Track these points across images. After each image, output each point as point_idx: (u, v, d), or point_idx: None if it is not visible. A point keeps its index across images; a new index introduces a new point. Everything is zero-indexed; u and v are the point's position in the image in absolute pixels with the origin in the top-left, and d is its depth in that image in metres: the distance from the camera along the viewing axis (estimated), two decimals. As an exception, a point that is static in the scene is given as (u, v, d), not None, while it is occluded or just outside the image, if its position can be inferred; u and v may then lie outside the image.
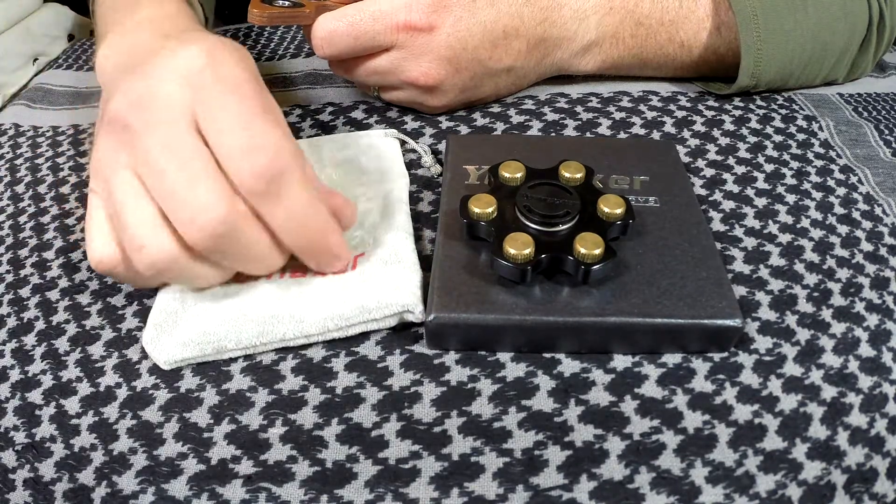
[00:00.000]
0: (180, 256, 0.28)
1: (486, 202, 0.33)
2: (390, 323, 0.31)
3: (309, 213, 0.29)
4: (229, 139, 0.27)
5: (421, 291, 0.32)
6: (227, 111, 0.28)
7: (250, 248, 0.29)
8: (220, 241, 0.28)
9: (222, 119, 0.28)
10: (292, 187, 0.28)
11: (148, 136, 0.28)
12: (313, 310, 0.31)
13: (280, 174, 0.27)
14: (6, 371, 0.32)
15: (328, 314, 0.31)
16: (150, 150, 0.27)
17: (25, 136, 0.48)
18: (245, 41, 0.60)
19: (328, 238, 0.30)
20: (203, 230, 0.27)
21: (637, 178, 0.37)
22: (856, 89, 0.51)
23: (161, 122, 0.28)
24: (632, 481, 0.27)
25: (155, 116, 0.28)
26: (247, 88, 0.29)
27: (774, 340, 0.31)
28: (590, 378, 0.30)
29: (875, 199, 0.40)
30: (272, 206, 0.28)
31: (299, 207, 0.28)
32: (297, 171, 0.28)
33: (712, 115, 0.46)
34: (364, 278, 0.32)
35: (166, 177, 0.27)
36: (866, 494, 0.27)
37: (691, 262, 0.32)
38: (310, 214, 0.29)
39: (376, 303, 0.31)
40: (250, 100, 0.28)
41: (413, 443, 0.28)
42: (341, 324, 0.31)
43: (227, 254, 0.29)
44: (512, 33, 0.42)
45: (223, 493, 0.27)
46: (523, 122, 0.45)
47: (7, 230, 0.40)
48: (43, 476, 0.28)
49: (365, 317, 0.31)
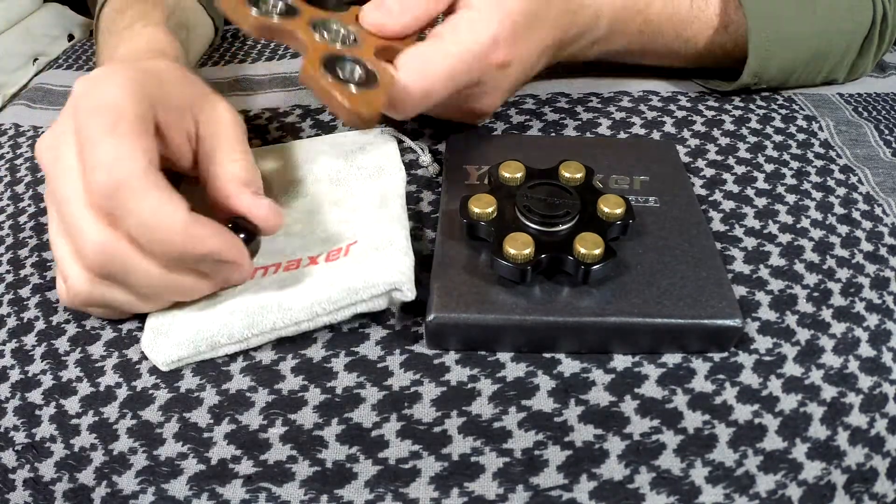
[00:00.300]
0: (95, 286, 0.30)
1: (486, 202, 0.33)
2: (380, 304, 0.31)
3: (160, 219, 0.28)
4: (86, 161, 0.28)
5: (411, 272, 0.31)
6: (85, 134, 0.29)
7: (139, 269, 0.29)
8: (111, 268, 0.29)
9: (82, 143, 0.29)
10: (132, 198, 0.27)
11: (51, 173, 0.30)
12: (301, 297, 0.31)
13: (116, 188, 0.27)
14: (6, 371, 0.32)
15: (315, 299, 0.30)
16: (53, 188, 0.30)
17: (25, 136, 0.48)
18: (244, 41, 0.60)
19: (205, 243, 0.29)
20: (88, 258, 0.29)
21: (637, 178, 0.37)
22: (856, 89, 0.51)
23: (57, 158, 0.30)
24: (632, 481, 0.27)
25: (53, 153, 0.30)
26: (104, 109, 0.29)
27: (774, 340, 0.31)
28: (590, 378, 0.30)
29: (875, 199, 0.40)
30: (125, 220, 0.28)
31: (147, 216, 0.28)
32: (135, 183, 0.27)
33: (712, 115, 0.46)
34: (354, 263, 0.32)
35: (61, 212, 0.29)
36: (866, 494, 0.27)
37: (691, 262, 0.32)
38: (162, 221, 0.28)
39: (363, 283, 0.30)
40: (100, 119, 0.28)
41: (413, 443, 0.28)
42: (329, 308, 0.30)
43: (127, 279, 0.29)
44: (553, 45, 0.41)
45: (223, 493, 0.27)
46: (523, 122, 0.45)
47: (7, 230, 0.40)
48: (43, 476, 0.28)
49: (353, 298, 0.30)
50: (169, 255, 0.29)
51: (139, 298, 0.31)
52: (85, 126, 0.29)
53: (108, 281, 0.30)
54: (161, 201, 0.28)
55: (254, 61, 0.56)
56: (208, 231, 0.29)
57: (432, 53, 0.35)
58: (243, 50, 0.58)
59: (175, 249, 0.28)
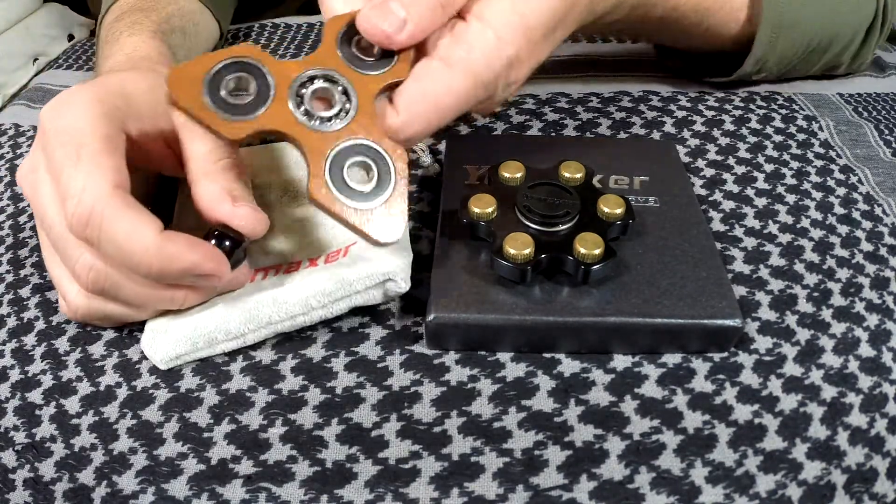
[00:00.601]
0: (92, 301, 0.31)
1: (486, 202, 0.33)
2: (376, 297, 0.31)
3: (132, 244, 0.28)
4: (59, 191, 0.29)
5: (406, 264, 0.31)
6: (53, 165, 0.29)
7: (128, 287, 0.30)
8: (103, 286, 0.29)
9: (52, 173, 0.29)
10: (103, 225, 0.28)
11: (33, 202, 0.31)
12: (296, 290, 0.31)
13: (87, 216, 0.27)
14: (6, 371, 0.32)
15: (310, 292, 0.30)
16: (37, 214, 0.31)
17: (25, 136, 0.48)
18: (245, 41, 0.60)
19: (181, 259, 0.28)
20: (81, 279, 0.29)
21: (637, 178, 0.37)
22: (856, 89, 0.51)
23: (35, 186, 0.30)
24: (632, 481, 0.27)
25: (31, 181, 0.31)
26: (66, 137, 0.29)
27: (774, 340, 0.31)
28: (590, 378, 0.30)
29: (875, 199, 0.40)
30: (101, 246, 0.28)
31: (120, 241, 0.28)
32: (104, 210, 0.27)
33: (712, 115, 0.46)
34: (350, 259, 0.32)
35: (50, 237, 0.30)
36: (866, 494, 0.27)
37: (691, 262, 0.32)
38: (134, 245, 0.28)
39: (356, 274, 0.30)
40: (64, 148, 0.29)
41: (413, 443, 0.28)
42: (324, 300, 0.30)
43: (119, 295, 0.30)
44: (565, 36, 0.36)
45: (223, 493, 0.27)
46: (523, 122, 0.45)
47: (7, 230, 0.40)
48: (43, 476, 0.28)
49: (347, 290, 0.30)
50: (148, 275, 0.29)
51: (135, 310, 0.31)
52: (52, 156, 0.29)
53: (103, 297, 0.31)
54: (132, 225, 0.28)
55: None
56: (182, 247, 0.28)
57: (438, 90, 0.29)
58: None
59: (152, 270, 0.28)
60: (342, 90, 0.29)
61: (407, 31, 0.29)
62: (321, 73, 0.29)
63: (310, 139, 0.29)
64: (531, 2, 0.31)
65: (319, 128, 0.29)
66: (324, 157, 0.28)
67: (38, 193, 0.30)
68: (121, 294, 0.30)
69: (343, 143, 0.29)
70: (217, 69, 0.28)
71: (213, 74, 0.28)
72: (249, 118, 0.28)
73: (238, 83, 0.29)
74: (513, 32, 0.30)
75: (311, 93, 0.29)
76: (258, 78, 0.29)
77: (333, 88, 0.29)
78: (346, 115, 0.29)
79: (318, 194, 0.28)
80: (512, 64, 0.31)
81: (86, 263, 0.29)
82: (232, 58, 0.29)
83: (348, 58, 0.30)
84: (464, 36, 0.30)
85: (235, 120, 0.28)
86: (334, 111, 0.29)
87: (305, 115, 0.29)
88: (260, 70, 0.29)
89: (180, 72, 0.28)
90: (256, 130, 0.28)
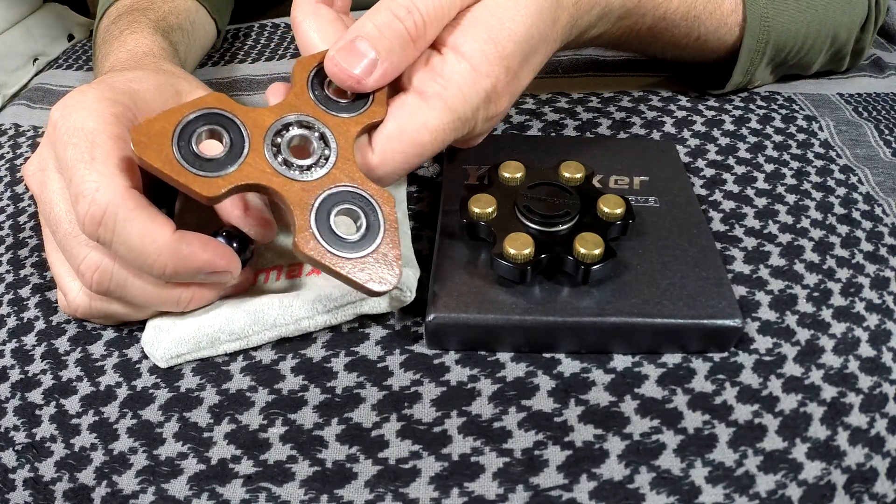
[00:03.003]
0: (94, 301, 0.31)
1: (486, 202, 0.33)
2: (381, 306, 0.31)
3: (147, 244, 0.28)
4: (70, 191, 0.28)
5: (413, 274, 0.31)
6: (65, 165, 0.29)
7: (135, 287, 0.30)
8: (108, 286, 0.29)
9: (64, 172, 0.29)
10: (117, 226, 0.27)
11: (40, 199, 0.31)
12: (302, 294, 0.31)
13: (101, 216, 0.27)
14: (6, 371, 0.32)
15: (316, 296, 0.30)
16: (44, 212, 0.30)
17: (25, 136, 0.48)
18: (244, 41, 0.60)
19: (195, 259, 0.28)
20: (85, 278, 0.29)
21: (637, 178, 0.37)
22: (856, 89, 0.51)
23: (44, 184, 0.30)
24: (632, 481, 0.27)
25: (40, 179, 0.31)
26: (79, 137, 0.29)
27: (774, 340, 0.31)
28: (590, 378, 0.30)
29: (875, 199, 0.40)
30: (113, 247, 0.28)
31: (134, 241, 0.28)
32: (118, 211, 0.27)
33: (712, 115, 0.46)
34: None
35: (56, 234, 0.30)
36: (866, 494, 0.27)
37: (691, 262, 0.32)
38: (149, 245, 0.28)
39: None
40: (76, 148, 0.28)
41: (413, 443, 0.28)
42: (329, 305, 0.30)
43: (124, 295, 0.30)
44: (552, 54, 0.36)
45: (223, 492, 0.27)
46: (523, 122, 0.45)
47: (7, 230, 0.40)
48: (43, 476, 0.28)
49: (353, 296, 0.30)
50: (161, 275, 0.29)
51: (138, 310, 0.31)
52: (63, 156, 0.29)
53: (107, 297, 0.30)
54: (146, 225, 0.28)
55: (254, 61, 0.56)
56: (196, 247, 0.28)
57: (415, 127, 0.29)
58: (243, 50, 0.58)
59: (167, 271, 0.28)
60: (319, 136, 0.28)
61: (378, 74, 0.29)
62: (296, 119, 0.28)
63: (291, 191, 0.27)
64: (505, 28, 0.30)
65: (300, 177, 0.28)
66: (308, 209, 0.27)
67: (46, 191, 0.30)
68: (126, 294, 0.30)
69: (326, 192, 0.28)
70: (186, 122, 0.27)
71: (182, 128, 0.27)
72: (225, 173, 0.27)
73: (209, 136, 0.28)
74: (489, 64, 0.29)
75: (287, 141, 0.28)
76: (230, 129, 0.27)
77: (310, 135, 0.28)
78: (327, 161, 0.28)
79: (307, 248, 0.27)
80: (490, 98, 0.30)
81: (91, 263, 0.29)
82: (200, 109, 0.27)
83: (322, 101, 0.29)
84: (439, 69, 0.29)
85: (211, 176, 0.27)
86: (313, 159, 0.28)
87: (284, 165, 0.28)
88: (232, 121, 0.28)
89: (146, 127, 0.27)
90: (234, 185, 0.27)
